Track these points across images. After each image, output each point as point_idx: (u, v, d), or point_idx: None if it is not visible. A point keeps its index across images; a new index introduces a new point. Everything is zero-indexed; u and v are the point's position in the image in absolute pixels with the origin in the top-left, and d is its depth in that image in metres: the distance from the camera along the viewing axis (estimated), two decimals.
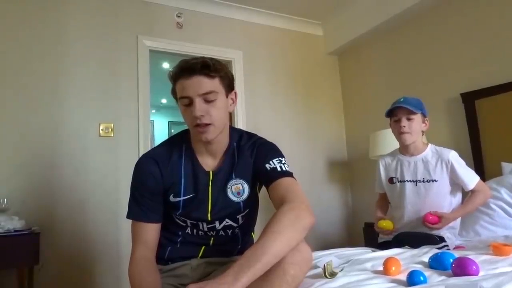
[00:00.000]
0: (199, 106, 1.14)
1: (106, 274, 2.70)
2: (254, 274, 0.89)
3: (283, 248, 0.95)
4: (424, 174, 1.94)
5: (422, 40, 3.19)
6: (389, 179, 2.07)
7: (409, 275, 1.08)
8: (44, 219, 2.54)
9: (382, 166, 2.12)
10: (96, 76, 2.88)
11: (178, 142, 1.30)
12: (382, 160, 2.14)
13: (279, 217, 1.01)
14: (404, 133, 1.92)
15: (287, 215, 1.01)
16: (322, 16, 3.87)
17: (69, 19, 2.85)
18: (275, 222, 0.99)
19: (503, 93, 2.54)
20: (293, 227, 0.99)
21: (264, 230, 0.98)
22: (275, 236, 0.95)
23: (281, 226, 0.98)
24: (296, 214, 1.02)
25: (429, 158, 1.95)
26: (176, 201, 1.25)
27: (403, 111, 1.92)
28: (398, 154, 2.08)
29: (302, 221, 1.02)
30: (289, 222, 0.99)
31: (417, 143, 1.98)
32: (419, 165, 1.97)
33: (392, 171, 2.07)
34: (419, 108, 1.93)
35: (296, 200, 1.08)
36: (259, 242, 0.95)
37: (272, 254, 0.92)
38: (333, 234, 3.71)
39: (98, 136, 2.82)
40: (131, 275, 1.17)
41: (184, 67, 1.15)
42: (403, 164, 2.02)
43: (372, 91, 3.69)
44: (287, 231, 0.97)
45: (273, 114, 3.62)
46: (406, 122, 1.91)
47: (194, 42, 3.32)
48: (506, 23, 2.59)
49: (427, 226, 1.83)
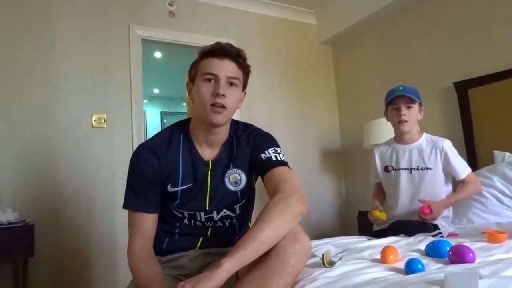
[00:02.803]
0: (224, 85, 1.17)
1: (102, 265, 2.69)
2: (239, 260, 0.94)
3: (270, 235, 0.99)
4: (419, 162, 1.96)
5: (416, 29, 3.19)
6: (384, 168, 2.09)
7: (407, 263, 1.09)
8: (38, 211, 2.52)
9: (377, 155, 2.13)
10: (87, 66, 2.84)
11: (176, 131, 1.29)
12: (377, 149, 2.15)
13: (270, 206, 1.05)
14: (403, 121, 1.93)
15: (277, 204, 1.05)
16: (316, 4, 3.85)
17: (59, 8, 2.79)
18: (265, 211, 1.04)
19: (495, 82, 2.56)
20: (282, 215, 1.03)
21: (255, 220, 1.03)
22: (263, 224, 1.00)
23: (270, 214, 1.02)
24: (286, 202, 1.06)
25: (424, 147, 1.97)
26: (174, 191, 1.24)
27: (402, 99, 1.93)
28: (393, 143, 2.09)
29: (291, 210, 1.05)
30: (278, 210, 1.03)
31: (412, 132, 2.00)
32: (414, 153, 1.98)
33: (387, 159, 2.08)
34: (418, 97, 1.94)
35: (288, 189, 1.10)
36: (248, 231, 1.00)
37: (260, 241, 0.97)
38: (327, 223, 3.74)
39: (91, 127, 2.79)
40: (133, 267, 1.17)
41: (219, 47, 1.18)
42: (398, 152, 2.03)
43: (365, 80, 3.69)
44: (276, 219, 1.01)
45: (267, 104, 3.61)
46: (406, 111, 1.93)
47: (186, 31, 3.29)
48: (498, 13, 2.60)
49: (423, 218, 1.85)
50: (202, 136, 1.25)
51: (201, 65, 1.20)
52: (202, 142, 1.26)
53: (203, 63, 1.20)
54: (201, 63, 1.21)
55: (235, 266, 0.93)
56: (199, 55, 1.23)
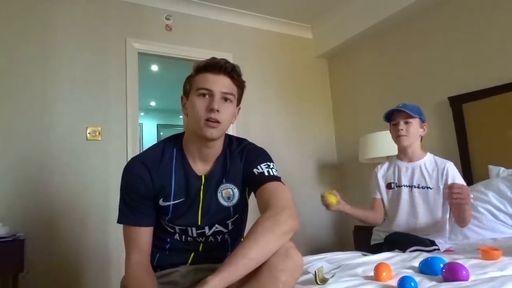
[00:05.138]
0: (218, 101, 1.17)
1: (95, 279, 2.65)
2: (225, 278, 0.93)
3: (259, 252, 0.98)
4: (420, 180, 1.97)
5: (411, 44, 3.22)
6: (387, 185, 2.09)
7: (400, 281, 1.08)
8: (30, 223, 2.49)
9: (380, 175, 2.13)
10: (84, 78, 2.84)
11: (169, 145, 1.28)
12: (380, 169, 2.15)
13: (259, 222, 1.05)
14: (401, 136, 1.96)
15: (266, 220, 1.05)
16: (312, 19, 3.88)
17: (57, 20, 2.81)
18: (254, 228, 1.03)
19: (490, 96, 2.57)
20: (271, 232, 1.02)
21: (245, 236, 1.03)
22: (251, 242, 0.99)
23: (259, 231, 1.01)
24: (275, 219, 1.05)
25: (426, 166, 1.99)
26: (165, 205, 1.23)
27: (401, 115, 1.98)
28: (395, 160, 2.10)
29: (281, 226, 1.04)
30: (267, 227, 1.03)
31: (414, 148, 2.02)
32: (416, 171, 2.00)
33: (390, 177, 2.09)
34: (417, 113, 1.97)
35: (279, 205, 1.10)
36: (237, 247, 0.99)
37: (248, 258, 0.96)
38: (323, 237, 3.71)
39: (85, 140, 2.78)
40: (129, 282, 1.15)
41: (214, 63, 1.19)
42: (401, 169, 2.05)
43: (361, 94, 3.71)
44: (265, 236, 1.00)
45: (263, 117, 3.62)
46: (404, 126, 1.96)
47: (183, 44, 3.31)
48: (494, 27, 2.63)
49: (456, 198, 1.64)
50: (196, 151, 1.25)
51: (196, 80, 1.20)
52: (196, 156, 1.26)
53: (198, 78, 1.20)
54: (196, 78, 1.21)
55: (222, 283, 0.92)
56: (194, 70, 1.23)
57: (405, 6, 3.03)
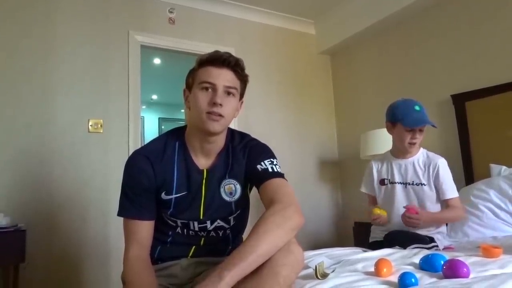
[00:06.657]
0: (221, 95, 1.16)
1: (94, 272, 2.66)
2: (238, 273, 0.91)
3: (269, 248, 0.97)
4: (413, 177, 1.97)
5: (414, 41, 3.21)
6: (380, 181, 2.09)
7: (400, 277, 1.08)
8: (31, 216, 2.50)
9: (375, 169, 2.12)
10: (86, 71, 2.84)
11: (171, 139, 1.28)
12: (375, 163, 2.14)
13: (267, 217, 1.03)
14: (415, 144, 1.93)
15: (275, 215, 1.03)
16: (315, 15, 3.87)
17: (59, 14, 2.80)
18: (262, 222, 1.01)
19: (493, 95, 2.57)
20: (280, 228, 1.01)
21: (252, 230, 1.00)
22: (261, 236, 0.97)
23: (268, 226, 1.00)
24: (284, 215, 1.04)
25: (419, 162, 1.98)
26: (167, 199, 1.23)
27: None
28: (389, 156, 2.09)
29: (289, 222, 1.03)
30: (276, 222, 1.01)
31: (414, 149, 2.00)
32: (409, 168, 1.99)
33: (383, 173, 2.08)
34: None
35: (285, 201, 1.09)
36: (245, 242, 0.98)
37: (258, 254, 0.95)
38: (323, 233, 3.72)
39: (87, 132, 2.78)
40: (128, 276, 1.15)
41: (217, 56, 1.18)
42: (394, 166, 2.04)
43: (363, 91, 3.70)
44: (274, 232, 0.99)
45: (265, 112, 3.61)
46: (419, 134, 1.92)
47: (186, 38, 3.30)
48: (496, 26, 2.62)
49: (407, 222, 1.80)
50: (198, 145, 1.24)
51: (199, 73, 1.20)
52: (198, 150, 1.25)
53: (201, 72, 1.19)
54: (199, 71, 1.20)
55: (235, 279, 0.91)
56: (197, 63, 1.22)
57: (407, 4, 3.03)
